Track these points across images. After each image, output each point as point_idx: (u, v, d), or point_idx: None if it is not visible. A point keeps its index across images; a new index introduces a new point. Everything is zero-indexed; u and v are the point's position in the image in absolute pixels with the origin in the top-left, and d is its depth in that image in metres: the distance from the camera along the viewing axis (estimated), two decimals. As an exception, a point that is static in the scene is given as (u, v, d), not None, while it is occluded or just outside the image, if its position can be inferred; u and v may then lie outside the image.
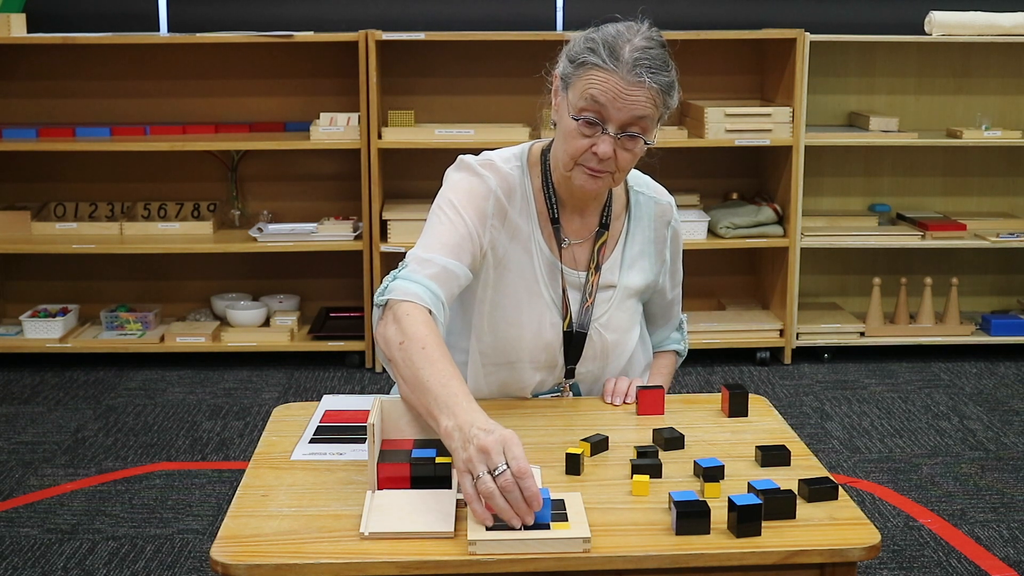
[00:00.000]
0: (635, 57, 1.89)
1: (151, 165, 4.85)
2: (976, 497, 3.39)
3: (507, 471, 1.53)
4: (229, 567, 1.49)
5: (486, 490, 1.53)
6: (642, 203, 2.16)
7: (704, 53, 4.87)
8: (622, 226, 2.15)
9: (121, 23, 4.82)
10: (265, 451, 1.87)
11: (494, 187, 2.04)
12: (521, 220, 2.07)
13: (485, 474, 1.54)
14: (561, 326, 2.09)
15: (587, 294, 2.10)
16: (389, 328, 1.85)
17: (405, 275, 1.92)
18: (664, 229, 2.18)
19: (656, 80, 1.90)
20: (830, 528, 1.59)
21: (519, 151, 2.12)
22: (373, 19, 4.78)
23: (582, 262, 2.12)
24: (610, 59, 1.89)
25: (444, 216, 2.01)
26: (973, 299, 5.10)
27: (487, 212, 2.03)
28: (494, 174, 2.05)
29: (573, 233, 2.11)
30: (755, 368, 4.65)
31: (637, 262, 2.16)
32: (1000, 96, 4.97)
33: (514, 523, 1.53)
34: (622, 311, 2.14)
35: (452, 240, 1.98)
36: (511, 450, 1.56)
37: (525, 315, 2.07)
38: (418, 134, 4.51)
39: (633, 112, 1.91)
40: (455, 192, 2.04)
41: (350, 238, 4.59)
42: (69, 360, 4.69)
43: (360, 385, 4.44)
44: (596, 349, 2.12)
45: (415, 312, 1.85)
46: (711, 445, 1.88)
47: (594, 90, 1.90)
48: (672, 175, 4.98)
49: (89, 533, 3.14)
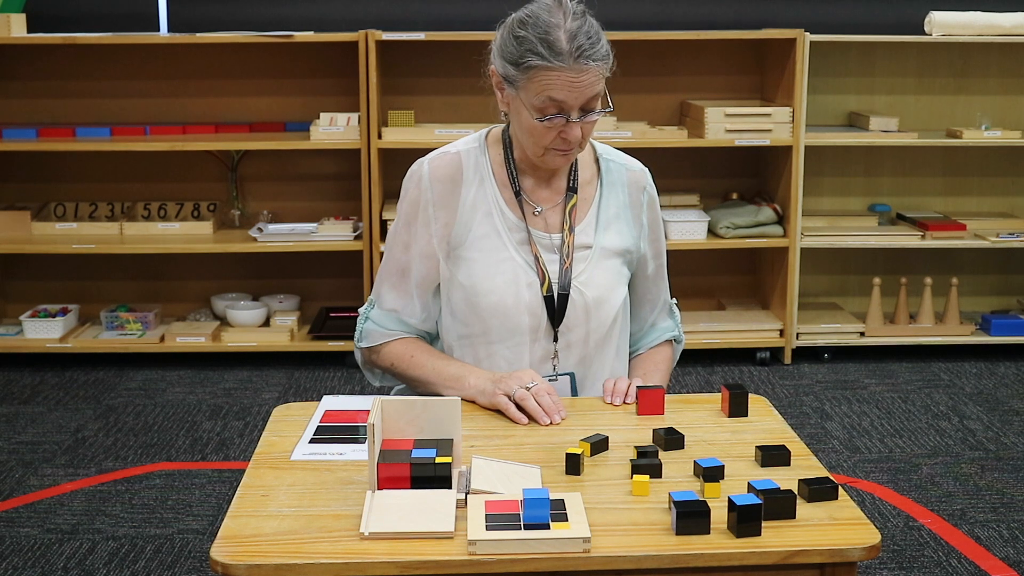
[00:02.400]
0: (575, 45, 1.95)
1: (151, 165, 4.85)
2: (976, 497, 3.39)
3: (537, 384, 1.98)
4: (229, 567, 1.49)
5: (522, 395, 1.95)
6: (613, 170, 2.22)
7: (704, 53, 4.87)
8: (595, 191, 2.20)
9: (121, 23, 4.82)
10: (265, 451, 1.87)
11: (426, 182, 2.13)
12: (478, 192, 2.14)
13: (519, 388, 1.96)
14: (539, 287, 2.12)
15: (564, 255, 2.14)
16: (370, 362, 2.22)
17: (373, 316, 2.20)
18: (640, 194, 2.22)
19: (597, 56, 1.97)
20: (830, 528, 1.59)
21: (477, 135, 2.21)
22: (373, 19, 4.78)
23: (555, 226, 2.16)
24: (552, 56, 1.95)
25: (397, 234, 2.19)
26: (973, 299, 5.10)
27: (426, 209, 2.13)
28: (432, 164, 2.15)
29: (544, 200, 2.17)
30: (755, 368, 4.65)
31: (613, 224, 2.19)
32: (1000, 96, 4.97)
33: (543, 421, 1.93)
34: (602, 270, 2.17)
35: (403, 266, 2.17)
36: (534, 376, 2.00)
37: (499, 279, 2.11)
38: (418, 134, 4.51)
39: (588, 94, 1.99)
40: (402, 203, 2.18)
41: (350, 238, 4.60)
42: (69, 360, 4.69)
43: (360, 385, 4.44)
44: (578, 308, 2.14)
45: (391, 345, 2.18)
46: (711, 445, 1.88)
47: (549, 91, 1.97)
48: (672, 175, 5.01)
49: (89, 533, 3.14)
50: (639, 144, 4.43)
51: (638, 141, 4.47)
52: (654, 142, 4.49)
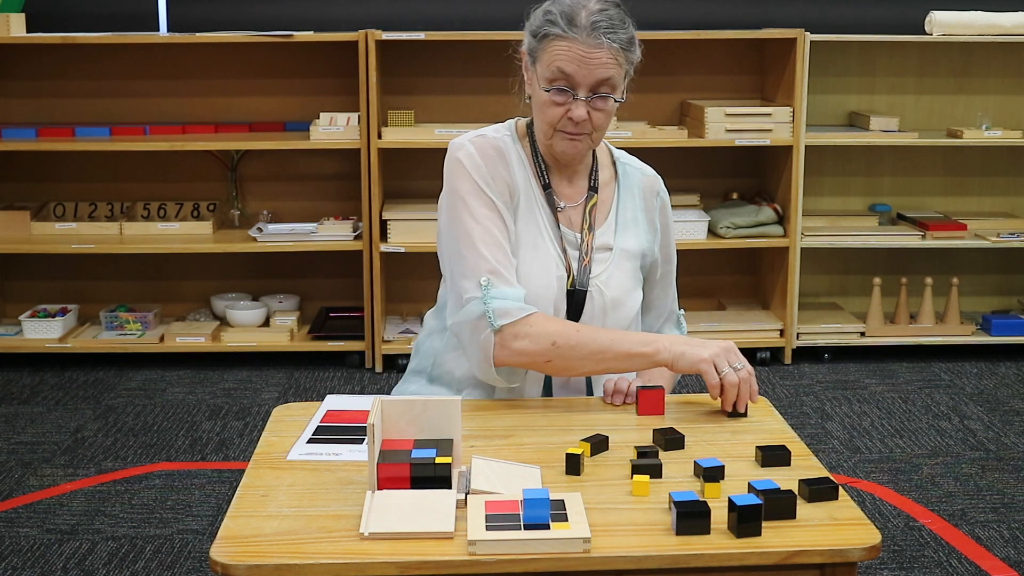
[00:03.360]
0: (592, 21, 1.99)
1: (151, 165, 4.85)
2: (976, 497, 3.39)
3: (744, 367, 2.00)
4: (229, 567, 1.49)
5: (734, 380, 1.98)
6: (629, 174, 2.25)
7: (704, 53, 4.87)
8: (613, 193, 2.23)
9: (121, 23, 4.82)
10: (265, 451, 1.87)
11: (478, 158, 2.11)
12: (522, 179, 2.14)
13: (729, 368, 1.98)
14: (566, 281, 2.13)
15: (583, 253, 2.15)
16: (521, 343, 2.00)
17: (498, 294, 2.02)
18: (653, 199, 2.26)
19: (615, 39, 2.00)
20: (830, 528, 1.59)
21: (506, 124, 2.22)
22: (373, 19, 4.78)
23: (577, 224, 2.19)
24: (568, 27, 2.00)
25: (468, 210, 2.07)
26: (973, 299, 5.09)
27: (501, 178, 2.11)
28: (476, 144, 2.14)
29: (566, 198, 2.19)
30: (755, 368, 4.64)
31: (630, 227, 2.22)
32: (1000, 96, 4.97)
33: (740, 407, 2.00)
34: (621, 271, 2.19)
35: (495, 240, 2.06)
36: (739, 354, 2.02)
37: (536, 265, 2.12)
38: (418, 134, 4.51)
39: (598, 75, 2.01)
40: (470, 179, 2.09)
41: (350, 238, 4.59)
42: (69, 360, 4.69)
43: (360, 385, 4.44)
44: (596, 307, 2.15)
45: (538, 319, 2.02)
46: (711, 445, 1.88)
47: (559, 60, 2.01)
48: (672, 175, 4.96)
49: (89, 533, 3.14)
50: (639, 144, 4.43)
51: (638, 141, 4.46)
52: (654, 142, 4.49)
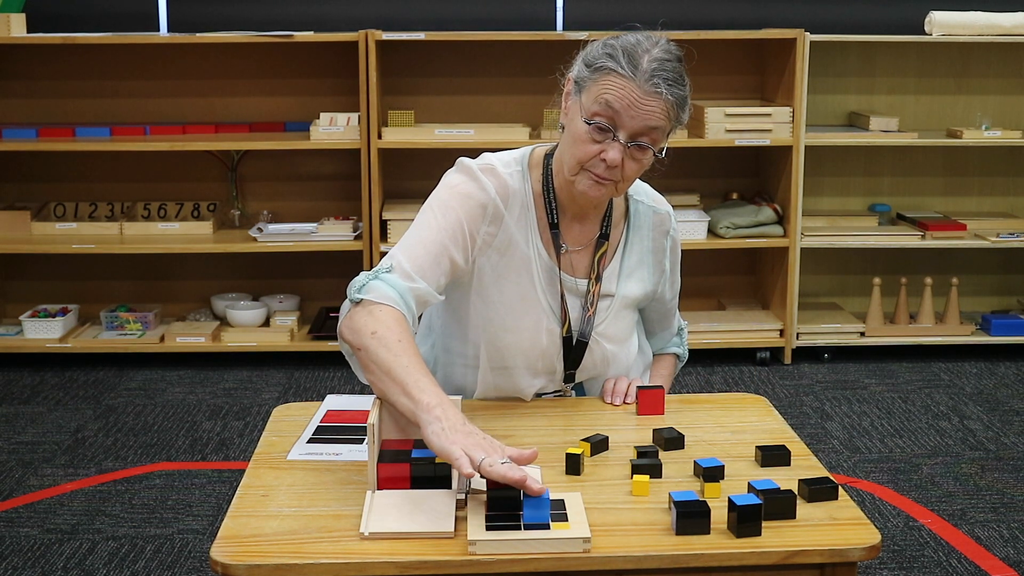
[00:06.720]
0: (653, 67, 1.88)
1: (151, 165, 4.85)
2: (976, 497, 3.39)
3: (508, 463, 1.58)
4: (229, 567, 1.49)
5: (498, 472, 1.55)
6: (641, 212, 2.15)
7: (704, 53, 4.83)
8: (621, 234, 2.14)
9: (121, 23, 4.82)
10: (265, 451, 1.87)
11: (492, 195, 2.01)
12: (519, 227, 2.04)
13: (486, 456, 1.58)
14: (559, 332, 2.08)
15: (588, 304, 2.09)
16: (360, 318, 1.84)
17: (386, 279, 1.90)
18: (663, 239, 2.17)
19: (672, 92, 1.90)
20: (830, 528, 1.59)
21: (520, 155, 2.10)
22: (373, 19, 4.78)
23: (580, 269, 2.10)
24: (628, 66, 1.88)
25: (433, 217, 1.99)
26: (973, 299, 5.10)
27: (482, 218, 2.01)
28: (493, 180, 2.03)
29: (572, 240, 2.09)
30: (755, 368, 4.65)
31: (635, 272, 2.15)
32: (1000, 96, 4.97)
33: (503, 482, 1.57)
34: (619, 320, 2.14)
35: (435, 249, 1.96)
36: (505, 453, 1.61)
37: (522, 321, 2.06)
38: (418, 134, 4.51)
39: (646, 122, 1.90)
40: (450, 192, 2.02)
41: (350, 238, 4.59)
42: (69, 360, 4.69)
43: (360, 385, 4.44)
44: (596, 358, 2.12)
45: (390, 312, 1.85)
46: (711, 445, 1.88)
47: (609, 95, 1.89)
48: (672, 175, 4.95)
49: (89, 533, 3.14)
50: (639, 144, 4.42)
51: (638, 141, 4.46)
52: (654, 142, 4.49)
